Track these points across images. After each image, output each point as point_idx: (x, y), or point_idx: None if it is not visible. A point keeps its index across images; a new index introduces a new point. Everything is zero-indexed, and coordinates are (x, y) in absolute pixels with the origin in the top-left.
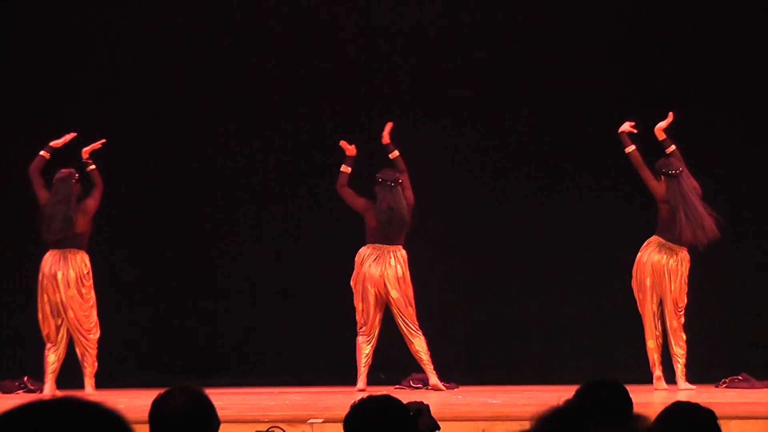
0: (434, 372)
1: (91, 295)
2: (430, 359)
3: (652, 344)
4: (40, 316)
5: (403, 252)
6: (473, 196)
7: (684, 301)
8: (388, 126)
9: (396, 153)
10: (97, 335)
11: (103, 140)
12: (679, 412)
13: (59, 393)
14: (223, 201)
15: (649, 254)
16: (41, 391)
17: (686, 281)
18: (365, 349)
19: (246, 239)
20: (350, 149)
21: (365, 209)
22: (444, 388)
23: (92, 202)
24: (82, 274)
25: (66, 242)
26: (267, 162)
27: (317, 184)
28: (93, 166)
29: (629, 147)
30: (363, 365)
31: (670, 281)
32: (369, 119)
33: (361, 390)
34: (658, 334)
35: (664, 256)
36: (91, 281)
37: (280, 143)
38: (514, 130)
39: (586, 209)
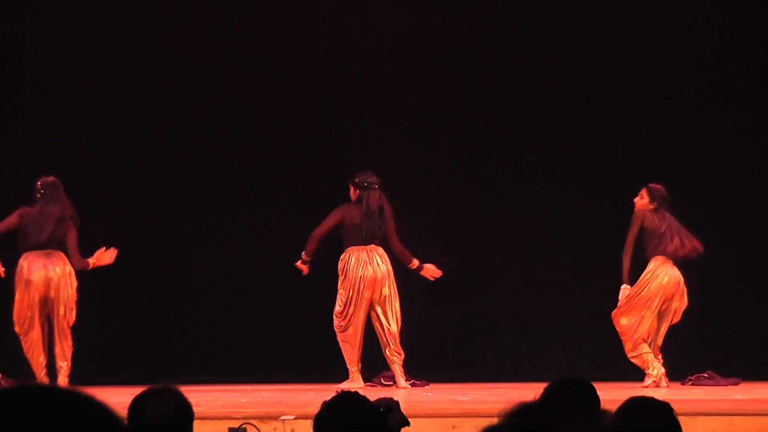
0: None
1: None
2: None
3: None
4: (31, 316)
5: (381, 250)
6: (447, 200)
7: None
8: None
9: (414, 263)
10: None
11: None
12: (636, 406)
13: None
14: (199, 204)
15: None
16: None
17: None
18: (354, 348)
19: (220, 239)
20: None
21: (343, 216)
22: (408, 386)
23: (74, 233)
24: (69, 272)
25: (50, 244)
26: (244, 168)
27: (294, 188)
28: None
29: None
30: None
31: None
32: (343, 123)
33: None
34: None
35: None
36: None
37: (256, 148)
38: (487, 135)
39: (556, 214)
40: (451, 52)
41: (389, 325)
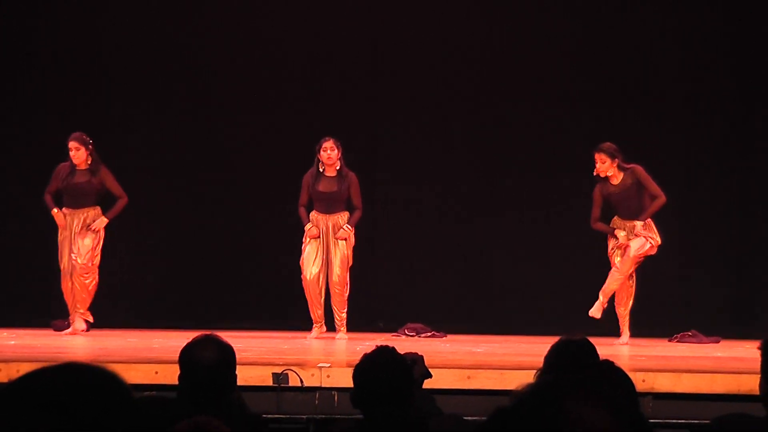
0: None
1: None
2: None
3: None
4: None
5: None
6: (470, 172)
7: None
8: None
9: None
10: None
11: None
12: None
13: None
14: (256, 172)
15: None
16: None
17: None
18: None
19: (253, 200)
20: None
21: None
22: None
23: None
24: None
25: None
26: (272, 146)
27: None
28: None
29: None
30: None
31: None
32: (370, 110)
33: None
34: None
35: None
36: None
37: (282, 131)
38: (503, 120)
39: (566, 181)
40: (466, 50)
41: None
